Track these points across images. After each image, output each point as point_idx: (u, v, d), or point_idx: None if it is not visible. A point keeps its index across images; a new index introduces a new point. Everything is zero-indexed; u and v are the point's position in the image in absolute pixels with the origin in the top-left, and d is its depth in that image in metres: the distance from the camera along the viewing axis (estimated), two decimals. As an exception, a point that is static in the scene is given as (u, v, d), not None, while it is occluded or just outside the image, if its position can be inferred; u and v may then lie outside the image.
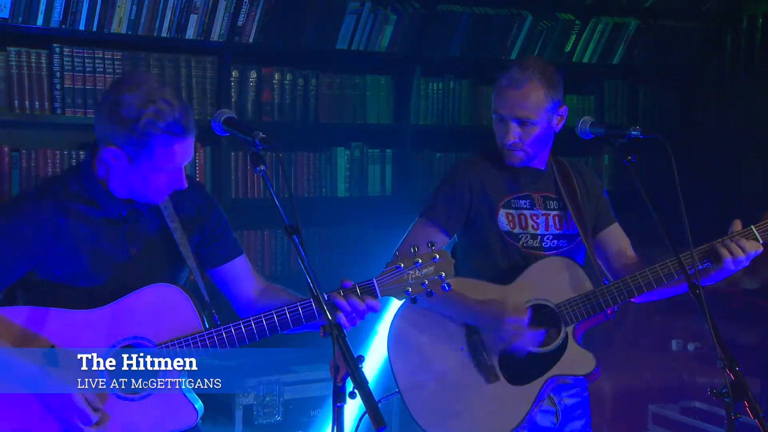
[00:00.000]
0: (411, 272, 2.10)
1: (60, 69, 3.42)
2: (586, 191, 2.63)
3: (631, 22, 4.46)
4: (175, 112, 2.03)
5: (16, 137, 3.44)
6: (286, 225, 1.89)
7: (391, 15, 3.94)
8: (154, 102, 2.01)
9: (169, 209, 2.18)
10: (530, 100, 2.47)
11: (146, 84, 2.04)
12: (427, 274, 2.10)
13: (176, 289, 2.13)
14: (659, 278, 2.43)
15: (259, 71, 3.81)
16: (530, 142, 2.51)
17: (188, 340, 2.10)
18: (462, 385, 2.47)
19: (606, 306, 2.47)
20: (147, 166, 2.05)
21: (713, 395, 2.04)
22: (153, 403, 2.10)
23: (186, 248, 2.18)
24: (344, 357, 1.79)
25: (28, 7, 3.28)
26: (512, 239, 2.55)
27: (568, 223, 2.59)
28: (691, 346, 4.34)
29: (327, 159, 4.00)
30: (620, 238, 2.65)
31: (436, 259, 2.10)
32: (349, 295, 2.10)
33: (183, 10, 3.54)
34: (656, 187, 2.30)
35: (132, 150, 2.04)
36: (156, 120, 2.01)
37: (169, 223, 2.17)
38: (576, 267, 2.54)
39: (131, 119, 2.01)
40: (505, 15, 4.20)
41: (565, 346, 2.47)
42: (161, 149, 2.03)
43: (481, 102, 4.27)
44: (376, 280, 2.12)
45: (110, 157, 2.06)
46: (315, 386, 3.57)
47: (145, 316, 2.10)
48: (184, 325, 2.11)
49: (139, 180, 2.08)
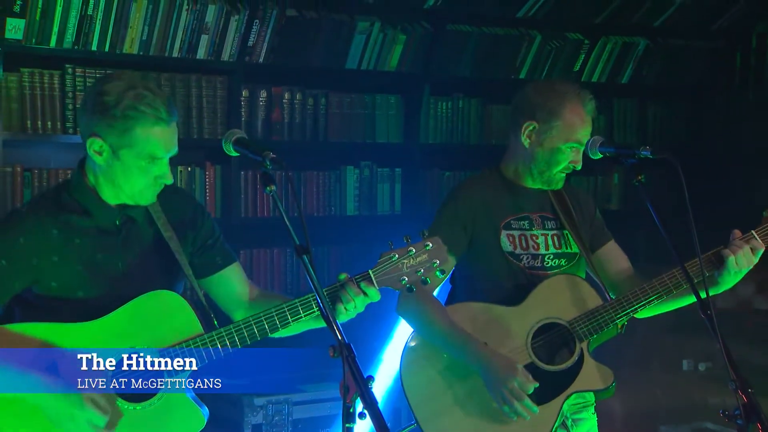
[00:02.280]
0: (405, 261, 2.11)
1: (72, 89, 3.45)
2: (581, 211, 2.64)
3: (640, 42, 4.47)
4: (156, 97, 2.06)
5: (29, 157, 3.46)
6: (296, 245, 1.90)
7: (401, 35, 3.96)
8: (135, 88, 2.06)
9: (162, 219, 2.19)
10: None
11: (128, 75, 2.10)
12: (421, 262, 2.11)
13: (173, 294, 2.13)
14: (668, 288, 2.44)
15: (269, 91, 3.83)
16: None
17: (189, 344, 2.09)
18: (483, 410, 2.44)
19: (617, 319, 2.47)
20: (130, 155, 2.06)
21: (725, 417, 2.03)
22: (159, 409, 2.09)
23: (182, 257, 2.19)
24: (354, 377, 1.78)
25: (41, 29, 3.32)
26: (515, 260, 2.55)
27: (567, 243, 2.59)
28: (702, 366, 4.31)
29: (336, 178, 4.01)
30: (618, 255, 2.66)
31: (428, 246, 2.11)
32: (347, 284, 2.10)
33: (194, 30, 3.57)
34: (665, 204, 2.30)
35: (115, 139, 2.06)
36: (136, 103, 2.04)
37: (163, 233, 2.18)
38: (583, 283, 2.55)
39: (112, 105, 2.04)
40: (514, 35, 4.22)
41: (582, 362, 2.47)
42: (142, 133, 2.04)
43: (490, 121, 4.28)
44: (372, 271, 2.12)
45: (95, 151, 2.08)
46: (324, 406, 3.56)
47: (144, 323, 2.09)
48: (184, 329, 2.10)
49: (123, 173, 2.08)
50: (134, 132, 2.04)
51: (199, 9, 3.55)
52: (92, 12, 3.36)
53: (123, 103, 2.04)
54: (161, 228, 2.18)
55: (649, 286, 2.46)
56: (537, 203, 2.61)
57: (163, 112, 2.05)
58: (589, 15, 4.34)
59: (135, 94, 2.04)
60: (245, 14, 3.64)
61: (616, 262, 2.63)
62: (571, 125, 2.49)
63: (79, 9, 3.34)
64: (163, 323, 2.10)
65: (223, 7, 3.61)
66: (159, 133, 2.06)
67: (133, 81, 2.08)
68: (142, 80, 2.11)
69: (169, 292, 2.13)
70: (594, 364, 2.47)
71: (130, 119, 2.04)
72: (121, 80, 2.07)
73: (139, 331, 2.09)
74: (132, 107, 2.04)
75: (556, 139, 2.50)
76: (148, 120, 2.04)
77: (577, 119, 2.49)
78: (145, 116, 2.04)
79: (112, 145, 2.06)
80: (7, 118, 3.35)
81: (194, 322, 2.11)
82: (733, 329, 3.81)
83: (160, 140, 2.06)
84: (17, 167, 3.40)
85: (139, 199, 2.14)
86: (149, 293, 2.11)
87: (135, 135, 2.05)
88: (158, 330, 2.09)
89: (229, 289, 2.30)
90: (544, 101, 2.51)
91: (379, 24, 3.90)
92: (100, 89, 2.07)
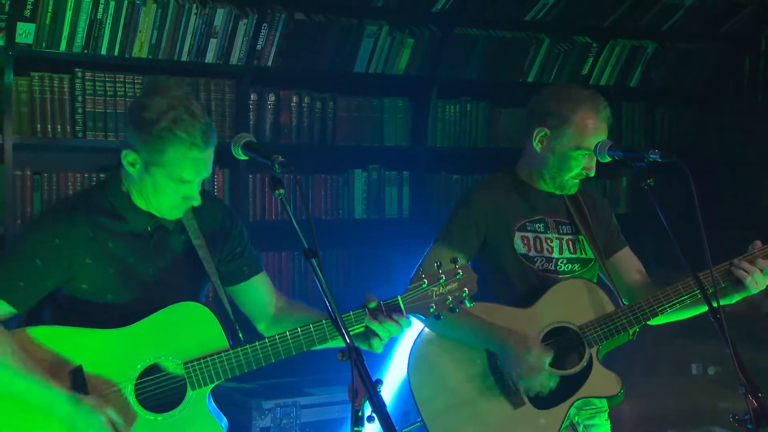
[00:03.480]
0: (435, 288, 2.11)
1: (82, 93, 3.46)
2: (596, 216, 2.63)
3: (648, 45, 4.46)
4: (195, 122, 2.05)
5: (38, 160, 3.48)
6: (305, 248, 1.90)
7: (408, 38, 3.96)
8: (175, 109, 2.05)
9: (193, 226, 2.20)
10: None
11: (174, 92, 2.08)
12: (450, 290, 2.11)
13: (202, 306, 2.13)
14: (681, 297, 2.42)
15: (277, 94, 3.84)
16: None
17: (214, 359, 2.10)
18: (488, 412, 2.45)
19: (629, 326, 2.46)
20: (160, 174, 2.07)
21: (735, 422, 2.02)
22: (180, 421, 2.09)
23: (210, 265, 2.19)
24: (363, 380, 1.78)
25: (51, 34, 3.33)
26: (529, 262, 2.55)
27: (582, 248, 2.59)
28: (711, 370, 4.29)
29: (344, 181, 4.02)
30: (632, 262, 2.65)
31: (459, 275, 2.11)
32: (376, 314, 2.10)
33: (203, 34, 3.58)
34: (674, 207, 2.30)
35: (147, 155, 2.06)
36: (173, 126, 2.03)
37: (193, 240, 2.18)
38: (596, 288, 2.54)
39: (150, 122, 2.04)
40: (522, 38, 4.22)
41: (590, 367, 2.46)
42: (175, 157, 2.05)
43: (498, 124, 4.28)
44: (401, 298, 2.12)
45: (129, 162, 2.09)
46: (332, 409, 3.56)
47: (171, 334, 2.10)
48: (211, 343, 2.11)
49: (152, 189, 2.09)
50: (167, 154, 2.05)
51: (208, 13, 3.56)
52: (101, 16, 3.37)
53: (160, 124, 2.03)
54: (192, 236, 2.19)
55: (662, 293, 2.45)
56: (551, 206, 2.60)
57: (198, 139, 2.04)
58: (597, 18, 4.34)
59: (174, 117, 2.03)
60: (254, 18, 3.65)
61: (630, 269, 2.62)
62: (583, 132, 2.48)
63: (89, 13, 3.36)
64: (190, 336, 2.11)
65: (232, 11, 3.62)
66: (191, 158, 2.06)
67: (175, 100, 2.05)
68: (186, 99, 2.08)
69: (197, 304, 2.13)
70: (603, 371, 2.46)
71: (165, 141, 2.04)
72: (164, 97, 2.06)
73: (165, 341, 2.10)
74: (168, 129, 2.03)
75: (566, 145, 2.49)
76: (183, 145, 2.04)
77: (589, 126, 2.48)
78: (180, 141, 2.04)
79: (145, 161, 2.07)
80: (18, 121, 3.37)
81: (220, 336, 2.12)
82: (742, 333, 3.79)
83: (191, 165, 2.06)
84: (27, 171, 3.42)
85: (166, 215, 2.15)
86: (178, 304, 2.11)
87: (167, 157, 2.05)
88: (184, 342, 2.10)
89: (254, 299, 2.31)
90: (557, 107, 2.51)
91: (387, 27, 3.90)
92: (143, 103, 2.07)
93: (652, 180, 2.28)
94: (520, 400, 2.44)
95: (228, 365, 2.10)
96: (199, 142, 2.05)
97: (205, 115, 2.09)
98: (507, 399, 2.45)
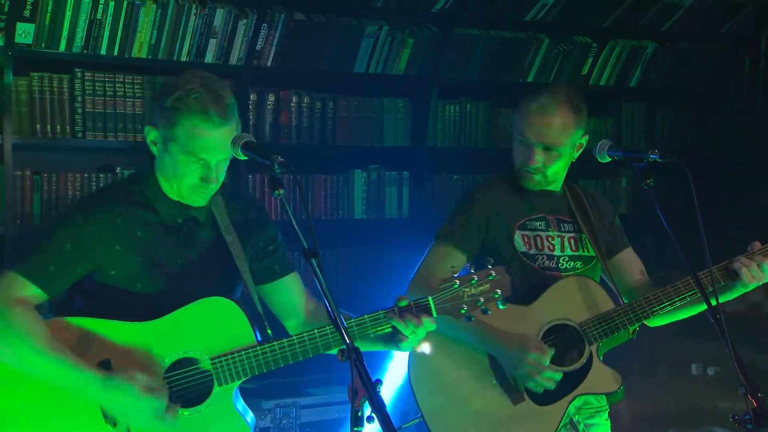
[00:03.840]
0: (467, 290, 2.08)
1: (81, 93, 3.46)
2: (599, 216, 2.64)
3: (648, 45, 4.46)
4: (210, 96, 2.06)
5: (38, 160, 3.48)
6: (305, 249, 1.90)
7: (408, 38, 3.96)
8: (192, 83, 2.07)
9: (226, 222, 2.19)
10: (558, 127, 2.48)
11: (199, 73, 2.11)
12: (483, 292, 2.09)
13: (231, 302, 2.12)
14: (681, 295, 2.42)
15: (277, 94, 3.84)
16: (552, 167, 2.51)
17: (242, 355, 2.08)
18: (487, 408, 2.45)
19: (629, 323, 2.46)
20: (176, 149, 2.08)
21: (735, 422, 2.02)
22: (205, 416, 2.08)
23: (241, 262, 2.18)
24: (362, 381, 1.78)
25: (51, 34, 3.33)
26: (529, 260, 2.55)
27: (584, 246, 2.59)
28: (711, 370, 4.29)
29: (344, 181, 4.02)
30: (634, 263, 2.66)
31: (492, 276, 2.09)
32: (404, 314, 2.08)
33: (202, 34, 3.58)
34: (674, 207, 2.30)
35: (164, 130, 2.09)
36: (185, 96, 2.05)
37: (225, 236, 2.18)
38: (596, 286, 2.55)
39: (166, 95, 2.08)
40: (522, 38, 4.22)
41: (590, 365, 2.46)
42: (188, 129, 2.05)
43: (498, 124, 4.28)
44: (432, 298, 2.10)
45: (151, 140, 2.12)
46: (332, 409, 3.56)
47: (199, 329, 2.09)
48: (239, 339, 2.10)
49: (172, 168, 2.10)
50: (181, 126, 2.06)
51: (208, 13, 3.56)
52: (101, 16, 3.37)
53: (175, 94, 2.06)
54: (223, 231, 2.18)
55: (662, 291, 2.46)
56: (553, 205, 2.61)
57: (212, 114, 2.05)
58: (597, 18, 4.34)
59: (188, 89, 2.06)
60: (253, 18, 3.65)
61: (632, 269, 2.63)
62: (523, 118, 2.50)
63: (89, 13, 3.36)
64: (218, 331, 2.10)
65: (232, 11, 3.62)
66: (203, 132, 2.06)
67: (196, 77, 2.09)
68: (208, 78, 2.10)
69: (225, 299, 2.12)
70: (602, 368, 2.47)
71: (176, 112, 2.06)
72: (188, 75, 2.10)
73: (193, 336, 2.09)
74: (180, 100, 2.05)
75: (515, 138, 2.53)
76: (193, 116, 2.05)
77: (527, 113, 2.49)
78: (190, 112, 2.05)
79: (164, 137, 2.10)
80: (17, 121, 3.37)
81: (248, 332, 2.11)
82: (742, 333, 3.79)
83: (203, 140, 2.06)
84: (27, 171, 3.42)
85: (189, 199, 2.15)
86: (206, 299, 2.11)
87: (179, 129, 2.06)
88: (212, 337, 2.09)
89: (285, 299, 2.30)
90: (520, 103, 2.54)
91: (387, 28, 3.90)
92: (167, 82, 2.11)
93: (651, 180, 2.28)
94: (520, 396, 2.45)
95: (255, 362, 2.09)
96: (213, 117, 2.05)
97: (227, 95, 2.09)
98: (506, 395, 2.45)
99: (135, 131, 3.52)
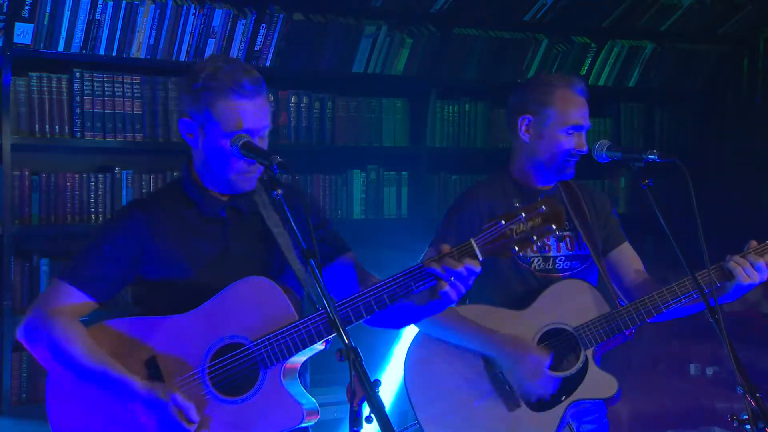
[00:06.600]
0: (514, 227, 1.90)
1: (80, 93, 3.46)
2: (595, 212, 2.63)
3: (647, 45, 4.47)
4: (237, 70, 2.05)
5: (37, 161, 3.47)
6: (303, 249, 1.90)
7: (407, 39, 3.97)
8: (217, 62, 2.07)
9: (273, 218, 2.15)
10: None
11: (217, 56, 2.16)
12: (534, 227, 1.89)
13: (266, 280, 2.05)
14: (677, 298, 2.42)
15: (275, 94, 3.84)
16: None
17: (283, 333, 2.02)
18: (483, 415, 2.45)
19: (625, 327, 2.46)
20: (215, 132, 2.05)
21: (734, 421, 2.02)
22: (256, 403, 2.03)
23: (290, 252, 2.13)
24: (361, 381, 1.78)
25: (49, 33, 3.33)
26: (524, 263, 2.55)
27: (580, 245, 2.59)
28: (709, 370, 4.29)
29: (343, 181, 4.01)
30: (632, 258, 2.64)
31: (542, 209, 1.91)
32: (443, 260, 1.93)
33: (201, 34, 3.58)
34: (673, 208, 2.30)
35: (199, 115, 2.07)
36: (216, 72, 2.05)
37: (272, 228, 2.14)
38: (592, 289, 2.54)
39: (195, 79, 2.07)
40: (520, 38, 4.22)
41: (586, 369, 2.46)
42: (223, 106, 2.03)
43: (497, 124, 4.28)
44: (474, 240, 1.93)
45: (187, 133, 2.11)
46: (330, 410, 3.55)
47: (239, 312, 2.04)
48: (278, 317, 2.03)
49: (214, 155, 2.08)
50: (216, 104, 2.04)
51: (206, 13, 3.56)
52: (100, 17, 3.37)
53: (203, 75, 2.06)
54: (269, 223, 2.15)
55: (658, 295, 2.44)
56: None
57: (245, 83, 2.03)
58: (595, 19, 4.34)
59: (215, 67, 2.06)
60: (252, 18, 3.65)
61: (629, 265, 2.62)
62: (564, 108, 2.50)
63: (87, 14, 3.36)
64: (256, 311, 2.04)
65: (230, 12, 3.62)
66: (240, 104, 2.04)
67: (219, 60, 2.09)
68: (235, 61, 2.11)
69: (259, 278, 2.05)
70: (599, 373, 2.47)
71: (209, 90, 2.04)
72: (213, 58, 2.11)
73: (232, 320, 2.04)
74: (211, 77, 2.05)
75: (553, 126, 2.51)
76: (227, 89, 2.03)
77: (570, 103, 2.50)
78: (223, 85, 2.03)
79: (200, 124, 2.08)
80: (16, 122, 3.37)
81: (287, 308, 2.03)
82: (740, 333, 3.80)
83: (242, 112, 2.03)
84: (25, 171, 3.41)
85: (236, 186, 2.12)
86: (240, 281, 2.05)
87: (217, 107, 2.04)
88: (251, 319, 2.03)
89: (340, 282, 2.22)
90: (532, 94, 2.54)
91: (385, 28, 3.90)
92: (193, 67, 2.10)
93: (650, 180, 2.28)
94: (516, 402, 2.44)
95: (298, 337, 2.01)
96: (246, 86, 2.03)
97: (252, 67, 2.10)
98: (502, 401, 2.45)
99: (134, 131, 3.52)
